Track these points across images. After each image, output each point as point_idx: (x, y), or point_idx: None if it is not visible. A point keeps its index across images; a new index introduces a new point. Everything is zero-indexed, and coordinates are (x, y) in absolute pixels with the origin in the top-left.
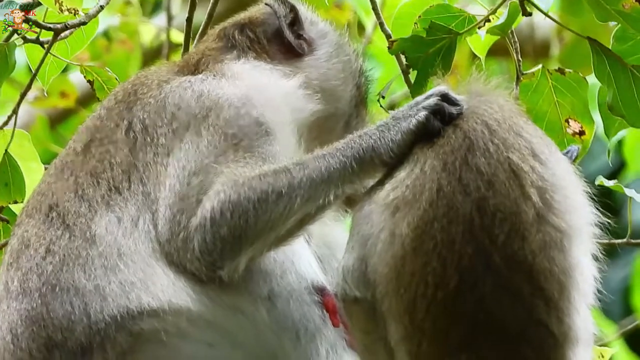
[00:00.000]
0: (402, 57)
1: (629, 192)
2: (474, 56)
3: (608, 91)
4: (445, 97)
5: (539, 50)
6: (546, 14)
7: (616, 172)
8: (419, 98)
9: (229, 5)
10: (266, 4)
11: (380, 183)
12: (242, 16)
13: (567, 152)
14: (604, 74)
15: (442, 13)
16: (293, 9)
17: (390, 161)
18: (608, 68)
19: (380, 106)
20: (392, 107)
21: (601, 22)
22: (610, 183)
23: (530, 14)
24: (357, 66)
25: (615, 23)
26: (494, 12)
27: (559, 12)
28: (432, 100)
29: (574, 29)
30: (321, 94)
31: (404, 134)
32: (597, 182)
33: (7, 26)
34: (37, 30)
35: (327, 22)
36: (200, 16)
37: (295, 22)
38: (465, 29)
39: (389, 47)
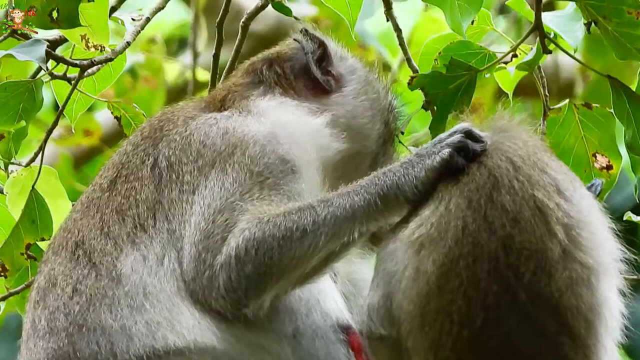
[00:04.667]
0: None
1: None
2: (499, 94)
3: (627, 130)
4: (468, 134)
5: (563, 88)
6: (571, 55)
7: None
8: (442, 135)
9: (253, 44)
10: (294, 39)
11: (405, 221)
12: (271, 51)
13: (591, 186)
14: (624, 113)
15: (462, 50)
16: (322, 45)
17: (415, 198)
18: (628, 107)
19: (400, 142)
20: (415, 145)
21: (621, 60)
22: (638, 218)
23: (550, 52)
24: (386, 103)
25: None
26: (514, 49)
27: (583, 51)
28: (456, 137)
29: (598, 67)
30: (348, 132)
31: (427, 171)
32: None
33: (7, 26)
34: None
35: (357, 58)
36: (226, 54)
37: (324, 57)
38: (485, 66)
39: (408, 83)
